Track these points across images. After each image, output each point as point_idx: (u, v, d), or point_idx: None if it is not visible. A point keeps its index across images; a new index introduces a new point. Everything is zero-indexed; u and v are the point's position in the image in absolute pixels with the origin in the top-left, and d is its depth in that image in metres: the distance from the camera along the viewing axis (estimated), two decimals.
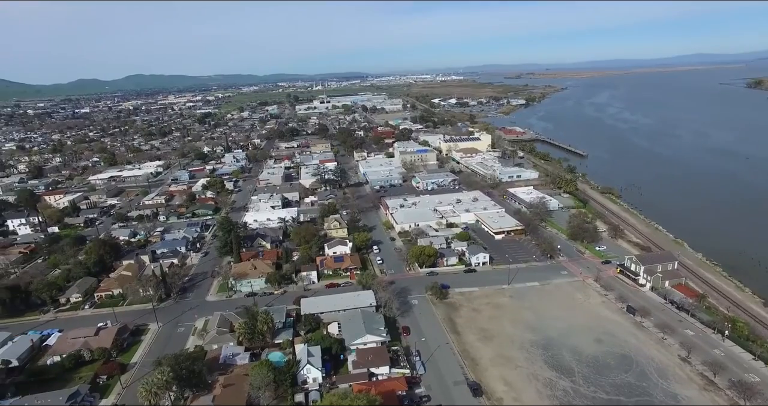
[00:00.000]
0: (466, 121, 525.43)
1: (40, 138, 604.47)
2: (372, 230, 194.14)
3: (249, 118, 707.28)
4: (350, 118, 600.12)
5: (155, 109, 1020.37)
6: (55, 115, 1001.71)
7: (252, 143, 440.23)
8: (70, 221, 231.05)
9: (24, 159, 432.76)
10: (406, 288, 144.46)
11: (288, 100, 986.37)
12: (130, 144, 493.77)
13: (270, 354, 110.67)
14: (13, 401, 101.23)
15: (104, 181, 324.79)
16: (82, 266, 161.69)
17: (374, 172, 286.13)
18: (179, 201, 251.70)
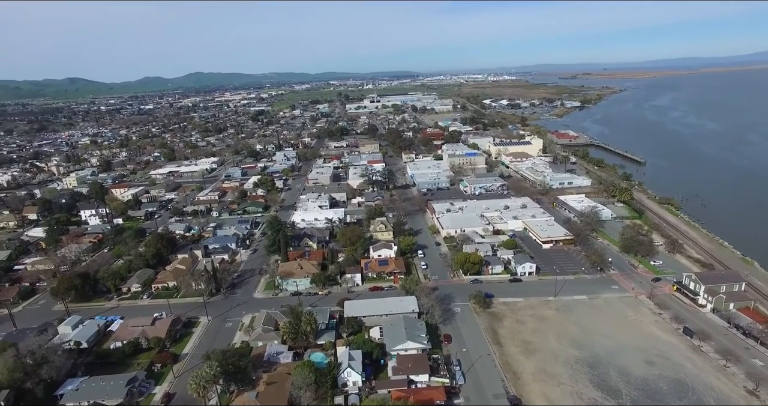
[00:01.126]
0: (517, 123, 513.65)
1: (110, 133, 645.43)
2: (417, 233, 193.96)
3: (300, 116, 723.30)
4: (400, 119, 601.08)
5: (212, 106, 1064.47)
6: (123, 111, 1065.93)
7: (302, 142, 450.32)
8: (132, 214, 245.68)
9: (96, 153, 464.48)
10: (449, 295, 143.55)
11: (339, 99, 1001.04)
12: (188, 140, 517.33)
13: (312, 355, 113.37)
14: (82, 379, 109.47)
15: (163, 176, 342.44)
16: (142, 257, 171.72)
17: (422, 174, 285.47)
18: (231, 198, 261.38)
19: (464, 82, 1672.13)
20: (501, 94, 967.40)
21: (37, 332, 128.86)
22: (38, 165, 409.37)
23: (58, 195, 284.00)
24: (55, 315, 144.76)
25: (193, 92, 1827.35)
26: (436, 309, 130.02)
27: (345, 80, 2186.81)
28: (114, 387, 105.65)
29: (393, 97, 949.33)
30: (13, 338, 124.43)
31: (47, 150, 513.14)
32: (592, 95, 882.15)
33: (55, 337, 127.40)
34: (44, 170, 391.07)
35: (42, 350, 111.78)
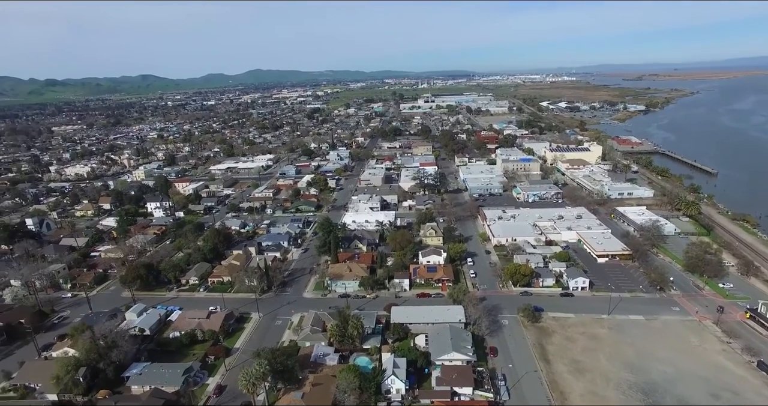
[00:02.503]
0: (575, 127, 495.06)
1: (174, 128, 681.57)
2: (467, 240, 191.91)
3: (354, 115, 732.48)
4: (454, 120, 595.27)
5: (270, 103, 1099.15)
6: (188, 106, 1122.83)
7: (356, 141, 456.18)
8: (193, 208, 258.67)
9: (162, 147, 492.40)
10: (497, 306, 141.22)
11: (393, 98, 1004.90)
12: (246, 136, 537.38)
13: (358, 358, 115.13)
14: (145, 365, 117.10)
15: (222, 171, 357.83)
16: (200, 251, 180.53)
17: (474, 179, 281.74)
18: (285, 196, 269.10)
19: (521, 82, 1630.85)
20: (559, 96, 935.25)
21: (108, 316, 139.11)
22: (112, 157, 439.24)
23: (128, 187, 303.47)
24: (123, 301, 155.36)
25: (253, 89, 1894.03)
26: (483, 320, 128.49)
27: (400, 79, 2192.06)
28: (172, 375, 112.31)
29: (447, 97, 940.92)
30: (89, 321, 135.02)
31: (120, 143, 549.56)
32: (658, 98, 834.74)
33: (122, 322, 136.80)
34: (117, 163, 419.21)
35: (112, 334, 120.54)
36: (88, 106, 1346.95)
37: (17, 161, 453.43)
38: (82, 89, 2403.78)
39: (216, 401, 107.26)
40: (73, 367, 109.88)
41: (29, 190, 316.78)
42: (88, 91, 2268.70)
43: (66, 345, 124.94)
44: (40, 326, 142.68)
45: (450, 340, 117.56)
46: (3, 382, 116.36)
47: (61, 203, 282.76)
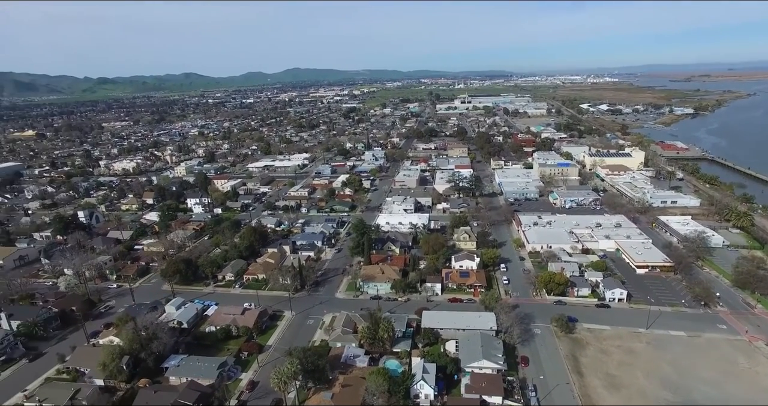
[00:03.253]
0: (616, 131, 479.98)
1: (215, 125, 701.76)
2: (501, 246, 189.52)
3: (390, 114, 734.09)
4: (490, 121, 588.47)
5: (307, 102, 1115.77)
6: (228, 104, 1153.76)
7: (391, 142, 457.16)
8: (230, 205, 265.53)
9: (202, 144, 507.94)
10: (529, 315, 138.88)
11: (429, 98, 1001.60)
12: (283, 135, 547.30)
13: (387, 361, 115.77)
14: (182, 357, 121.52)
15: (259, 169, 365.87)
16: (236, 248, 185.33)
17: (510, 183, 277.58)
18: (320, 195, 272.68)
19: (560, 83, 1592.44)
20: (600, 97, 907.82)
21: (149, 308, 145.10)
22: (156, 154, 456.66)
23: (170, 183, 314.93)
24: (162, 294, 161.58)
25: (290, 87, 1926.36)
26: (515, 329, 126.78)
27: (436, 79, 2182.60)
28: (207, 369, 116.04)
29: (484, 98, 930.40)
30: (132, 312, 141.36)
31: (164, 140, 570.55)
32: (709, 101, 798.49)
33: (162, 315, 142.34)
34: (160, 159, 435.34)
35: (153, 326, 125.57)
36: (135, 103, 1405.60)
37: (72, 156, 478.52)
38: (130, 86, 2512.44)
39: (248, 397, 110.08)
40: (118, 355, 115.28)
41: (81, 183, 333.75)
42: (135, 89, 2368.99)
43: (111, 334, 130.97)
44: (88, 313, 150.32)
45: (481, 347, 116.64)
46: (58, 364, 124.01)
47: (108, 197, 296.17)
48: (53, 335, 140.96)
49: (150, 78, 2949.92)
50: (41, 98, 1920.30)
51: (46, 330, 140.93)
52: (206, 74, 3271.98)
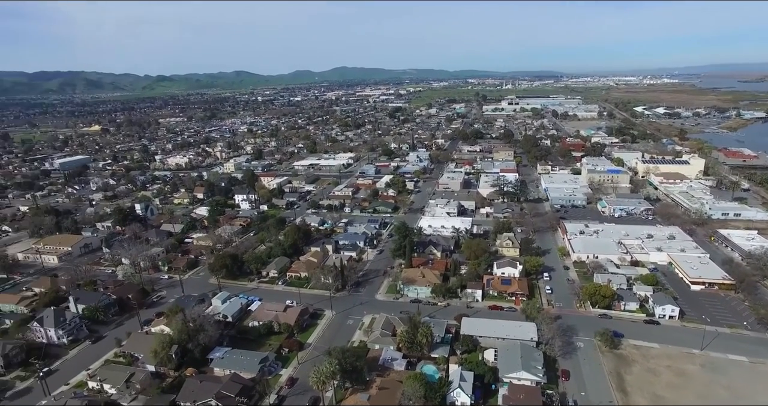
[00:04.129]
0: (673, 136, 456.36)
1: (263, 122, 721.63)
2: (545, 254, 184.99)
3: (436, 115, 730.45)
4: (538, 124, 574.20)
5: (353, 101, 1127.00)
6: (276, 102, 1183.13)
7: (436, 143, 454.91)
8: (276, 202, 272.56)
9: (251, 141, 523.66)
10: (572, 327, 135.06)
11: (476, 99, 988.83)
12: (329, 133, 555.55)
13: (425, 367, 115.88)
14: (227, 350, 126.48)
15: (305, 167, 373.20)
16: (281, 246, 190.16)
17: (556, 188, 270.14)
18: (363, 195, 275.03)
19: (614, 85, 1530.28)
20: (657, 100, 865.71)
21: (197, 301, 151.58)
22: (207, 150, 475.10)
23: (219, 178, 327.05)
24: (209, 288, 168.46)
25: (337, 86, 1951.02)
26: (557, 340, 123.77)
27: (483, 79, 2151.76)
28: (250, 363, 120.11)
29: (532, 99, 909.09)
30: (181, 303, 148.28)
31: (214, 136, 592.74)
32: None
33: (209, 308, 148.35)
34: (211, 155, 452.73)
35: (201, 318, 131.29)
36: (189, 99, 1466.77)
37: (131, 150, 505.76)
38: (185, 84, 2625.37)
39: (287, 392, 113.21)
40: (168, 344, 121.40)
41: (139, 177, 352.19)
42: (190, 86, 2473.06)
43: (162, 323, 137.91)
44: (142, 302, 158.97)
45: (520, 358, 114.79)
46: (115, 348, 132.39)
47: (163, 191, 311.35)
48: (112, 321, 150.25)
49: (203, 76, 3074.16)
50: (107, 95, 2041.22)
51: (105, 315, 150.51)
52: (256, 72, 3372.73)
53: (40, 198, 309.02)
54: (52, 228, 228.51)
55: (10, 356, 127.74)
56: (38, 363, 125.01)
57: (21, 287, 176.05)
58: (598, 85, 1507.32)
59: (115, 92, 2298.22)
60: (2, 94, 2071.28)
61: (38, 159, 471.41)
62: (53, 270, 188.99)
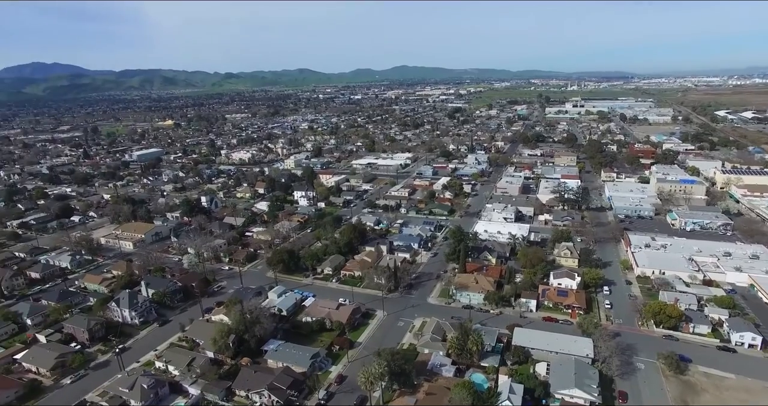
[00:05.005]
0: (762, 144, 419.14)
1: (323, 120, 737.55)
2: (606, 266, 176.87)
3: (496, 116, 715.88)
4: (604, 128, 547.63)
5: (413, 100, 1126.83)
6: (336, 100, 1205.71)
7: (495, 146, 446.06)
8: (333, 200, 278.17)
9: (311, 138, 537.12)
10: (632, 346, 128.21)
11: (538, 101, 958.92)
12: (388, 133, 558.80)
13: (474, 375, 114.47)
14: (280, 343, 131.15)
15: (363, 166, 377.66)
16: (336, 244, 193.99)
17: (621, 197, 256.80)
18: (420, 196, 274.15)
19: (692, 86, 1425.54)
20: (744, 103, 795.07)
21: (254, 293, 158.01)
22: (269, 146, 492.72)
23: (279, 174, 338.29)
24: (266, 281, 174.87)
25: (397, 85, 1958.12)
26: (615, 359, 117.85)
27: (547, 79, 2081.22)
28: (301, 357, 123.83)
29: (599, 102, 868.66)
30: (239, 295, 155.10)
31: (277, 132, 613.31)
32: None
33: (265, 301, 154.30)
34: (273, 151, 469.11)
35: (257, 310, 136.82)
36: (254, 96, 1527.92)
37: (199, 144, 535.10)
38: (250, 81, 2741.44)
39: (336, 389, 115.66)
40: (226, 333, 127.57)
41: (205, 170, 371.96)
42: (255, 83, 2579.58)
43: (222, 312, 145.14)
44: (205, 291, 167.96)
45: (574, 374, 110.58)
46: (179, 332, 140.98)
47: (226, 185, 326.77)
48: (177, 306, 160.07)
49: (268, 73, 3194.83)
50: (180, 91, 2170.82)
51: (172, 301, 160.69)
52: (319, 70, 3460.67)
53: (120, 187, 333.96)
54: (128, 216, 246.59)
55: (93, 331, 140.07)
56: (115, 340, 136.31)
57: (102, 269, 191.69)
58: (674, 87, 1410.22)
59: (187, 89, 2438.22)
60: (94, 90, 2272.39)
61: (120, 151, 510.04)
62: (128, 255, 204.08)
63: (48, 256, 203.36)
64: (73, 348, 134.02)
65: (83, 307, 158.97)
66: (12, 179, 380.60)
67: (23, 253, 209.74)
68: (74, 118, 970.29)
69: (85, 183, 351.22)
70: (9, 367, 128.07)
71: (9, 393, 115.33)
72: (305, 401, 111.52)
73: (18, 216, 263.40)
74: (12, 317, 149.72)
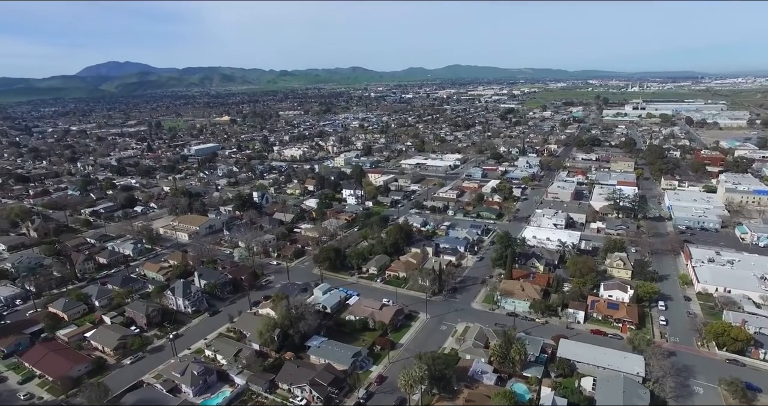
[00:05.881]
0: None
1: (374, 118, 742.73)
2: (662, 280, 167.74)
3: (550, 118, 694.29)
4: (667, 132, 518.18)
5: (464, 100, 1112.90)
6: (388, 98, 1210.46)
7: (548, 149, 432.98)
8: (381, 199, 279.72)
9: (361, 137, 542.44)
10: (690, 368, 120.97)
11: (595, 102, 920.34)
12: (438, 133, 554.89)
13: (515, 385, 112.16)
14: (323, 340, 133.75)
15: (411, 166, 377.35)
16: (382, 244, 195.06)
17: (683, 207, 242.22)
18: (468, 199, 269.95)
19: None
20: None
21: (300, 289, 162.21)
22: (320, 143, 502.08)
23: (329, 172, 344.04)
24: (312, 278, 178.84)
25: (449, 84, 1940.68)
26: (669, 380, 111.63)
27: (606, 80, 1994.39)
28: (343, 355, 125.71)
29: (663, 104, 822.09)
30: (286, 290, 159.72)
31: (328, 130, 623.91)
32: None
33: (311, 297, 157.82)
34: (323, 148, 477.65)
35: (302, 306, 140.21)
36: (307, 93, 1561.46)
37: (253, 140, 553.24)
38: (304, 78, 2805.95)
39: (376, 390, 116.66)
40: (272, 327, 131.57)
41: (258, 166, 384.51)
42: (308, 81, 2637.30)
43: (268, 306, 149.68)
44: (253, 284, 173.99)
45: (622, 393, 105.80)
46: (228, 323, 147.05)
47: (278, 181, 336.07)
48: (226, 298, 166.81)
49: (322, 71, 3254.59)
50: (237, 88, 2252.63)
51: (222, 292, 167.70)
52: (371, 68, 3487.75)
53: (179, 180, 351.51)
54: (185, 208, 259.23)
55: (151, 317, 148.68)
56: (170, 327, 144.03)
57: (160, 258, 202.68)
58: (752, 87, 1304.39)
59: (244, 85, 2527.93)
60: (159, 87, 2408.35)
61: (179, 145, 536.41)
62: (184, 246, 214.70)
63: (113, 243, 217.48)
64: (133, 331, 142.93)
65: (142, 293, 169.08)
66: (87, 170, 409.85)
67: (93, 239, 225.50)
68: (141, 113, 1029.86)
69: (147, 175, 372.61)
70: (80, 344, 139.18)
71: (81, 367, 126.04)
72: (345, 399, 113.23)
73: (90, 205, 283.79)
74: (83, 298, 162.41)
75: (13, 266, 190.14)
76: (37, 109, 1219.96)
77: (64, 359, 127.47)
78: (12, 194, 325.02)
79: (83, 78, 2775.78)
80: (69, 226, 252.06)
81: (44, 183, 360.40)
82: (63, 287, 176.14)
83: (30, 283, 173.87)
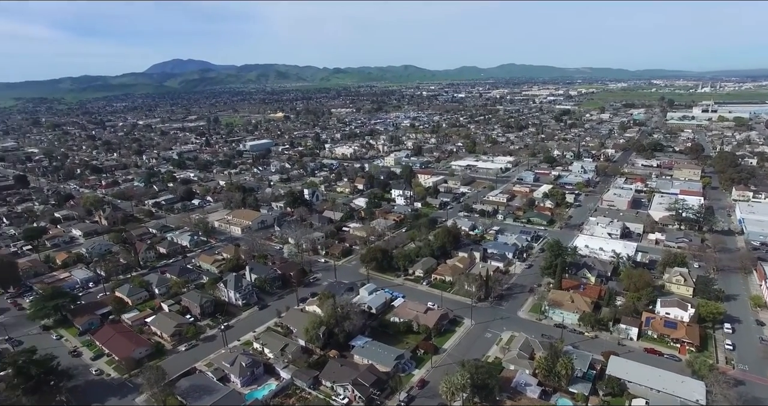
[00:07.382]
0: None
1: (425, 118, 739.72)
2: (729, 299, 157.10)
3: (609, 121, 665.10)
4: (742, 138, 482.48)
5: (518, 100, 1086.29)
6: (440, 97, 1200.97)
7: (605, 153, 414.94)
8: (430, 201, 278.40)
9: (412, 136, 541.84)
10: (760, 400, 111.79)
11: (659, 104, 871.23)
12: (489, 134, 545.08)
13: (560, 400, 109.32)
14: (367, 340, 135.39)
15: (462, 168, 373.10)
16: (429, 246, 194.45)
17: (757, 221, 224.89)
18: (518, 203, 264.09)
19: None
20: None
21: (346, 288, 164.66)
22: (371, 142, 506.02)
23: (379, 172, 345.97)
24: (359, 277, 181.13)
25: (503, 83, 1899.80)
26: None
27: (672, 80, 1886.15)
28: (386, 357, 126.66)
29: (738, 106, 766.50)
30: (332, 289, 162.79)
31: (379, 128, 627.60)
32: None
33: (356, 297, 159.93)
34: (374, 147, 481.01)
35: (348, 306, 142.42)
36: (359, 91, 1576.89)
37: (305, 137, 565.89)
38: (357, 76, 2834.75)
39: (417, 394, 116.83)
40: (318, 324, 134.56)
41: (309, 163, 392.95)
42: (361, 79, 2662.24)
43: (315, 303, 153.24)
44: (301, 281, 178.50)
45: None
46: (276, 318, 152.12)
47: (328, 179, 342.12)
48: (275, 293, 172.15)
49: (374, 69, 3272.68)
50: (291, 85, 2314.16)
51: (271, 287, 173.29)
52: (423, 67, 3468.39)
53: (234, 175, 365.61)
54: (239, 203, 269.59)
55: (204, 307, 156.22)
56: (221, 318, 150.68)
57: (214, 250, 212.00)
58: None
59: (298, 83, 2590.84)
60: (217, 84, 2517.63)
61: (235, 140, 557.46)
62: (237, 240, 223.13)
63: (173, 234, 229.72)
64: (188, 320, 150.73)
65: (197, 284, 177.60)
66: (151, 163, 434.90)
67: (154, 229, 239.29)
68: (200, 108, 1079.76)
69: (205, 169, 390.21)
70: (141, 328, 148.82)
71: (142, 350, 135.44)
72: (386, 401, 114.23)
73: (153, 196, 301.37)
74: (145, 285, 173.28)
75: (87, 251, 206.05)
76: (110, 105, 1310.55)
77: (128, 341, 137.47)
78: (88, 184, 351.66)
79: (150, 75, 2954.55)
80: (134, 216, 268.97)
81: (114, 174, 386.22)
82: (128, 274, 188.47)
83: (101, 268, 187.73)
